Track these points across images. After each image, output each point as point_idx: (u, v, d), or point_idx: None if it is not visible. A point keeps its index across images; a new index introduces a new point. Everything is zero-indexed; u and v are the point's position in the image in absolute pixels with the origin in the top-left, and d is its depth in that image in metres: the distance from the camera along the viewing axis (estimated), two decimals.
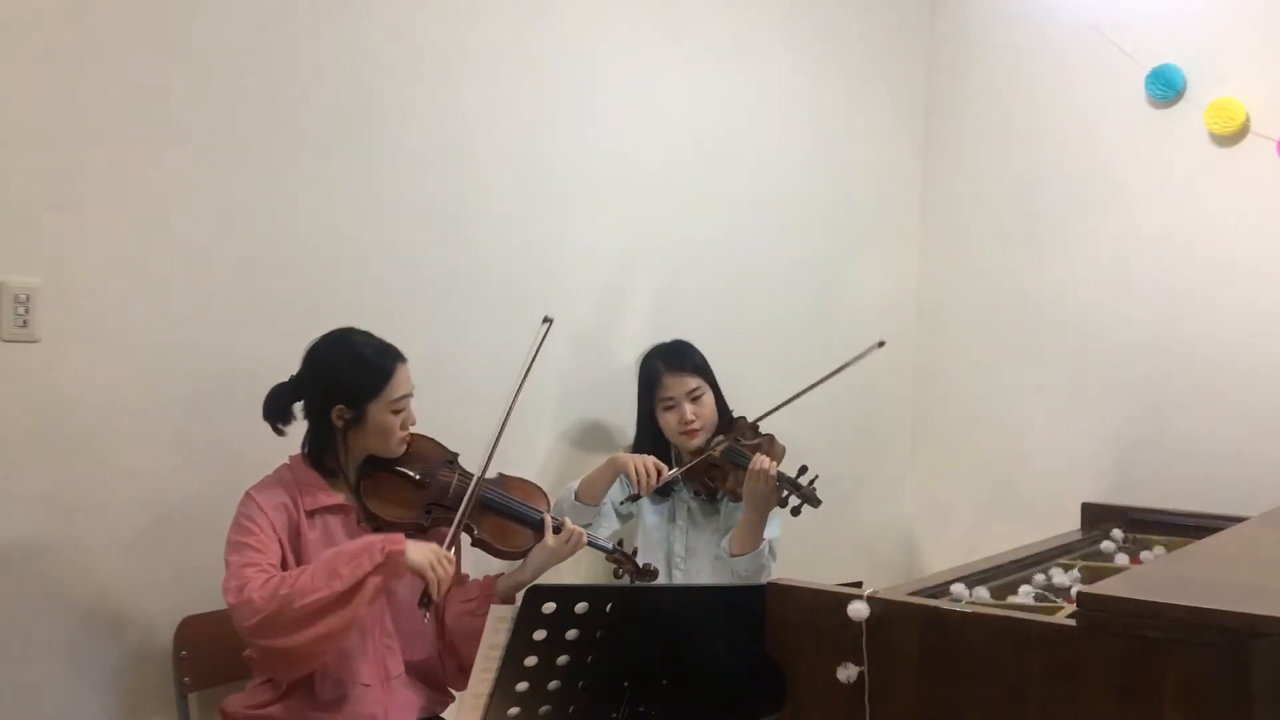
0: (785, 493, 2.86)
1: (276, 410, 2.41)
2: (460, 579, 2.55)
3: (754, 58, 3.70)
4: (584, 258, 3.27)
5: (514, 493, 2.54)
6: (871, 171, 4.08)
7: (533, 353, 2.49)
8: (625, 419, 3.18)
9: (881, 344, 3.08)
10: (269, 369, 2.43)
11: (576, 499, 2.97)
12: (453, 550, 2.33)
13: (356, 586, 2.21)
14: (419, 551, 2.27)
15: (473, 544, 2.50)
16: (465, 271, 3.02)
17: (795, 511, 2.88)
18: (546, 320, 2.53)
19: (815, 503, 2.86)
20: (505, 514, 2.50)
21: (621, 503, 3.02)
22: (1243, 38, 3.62)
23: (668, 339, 3.16)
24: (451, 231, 2.99)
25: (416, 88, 2.91)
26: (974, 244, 4.12)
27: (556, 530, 2.49)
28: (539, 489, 2.62)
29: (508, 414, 2.44)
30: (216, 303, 2.59)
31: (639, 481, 2.90)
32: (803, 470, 2.88)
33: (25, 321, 2.34)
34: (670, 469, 2.95)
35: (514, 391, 2.46)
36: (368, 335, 2.43)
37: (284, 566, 2.30)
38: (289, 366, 2.42)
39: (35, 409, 2.36)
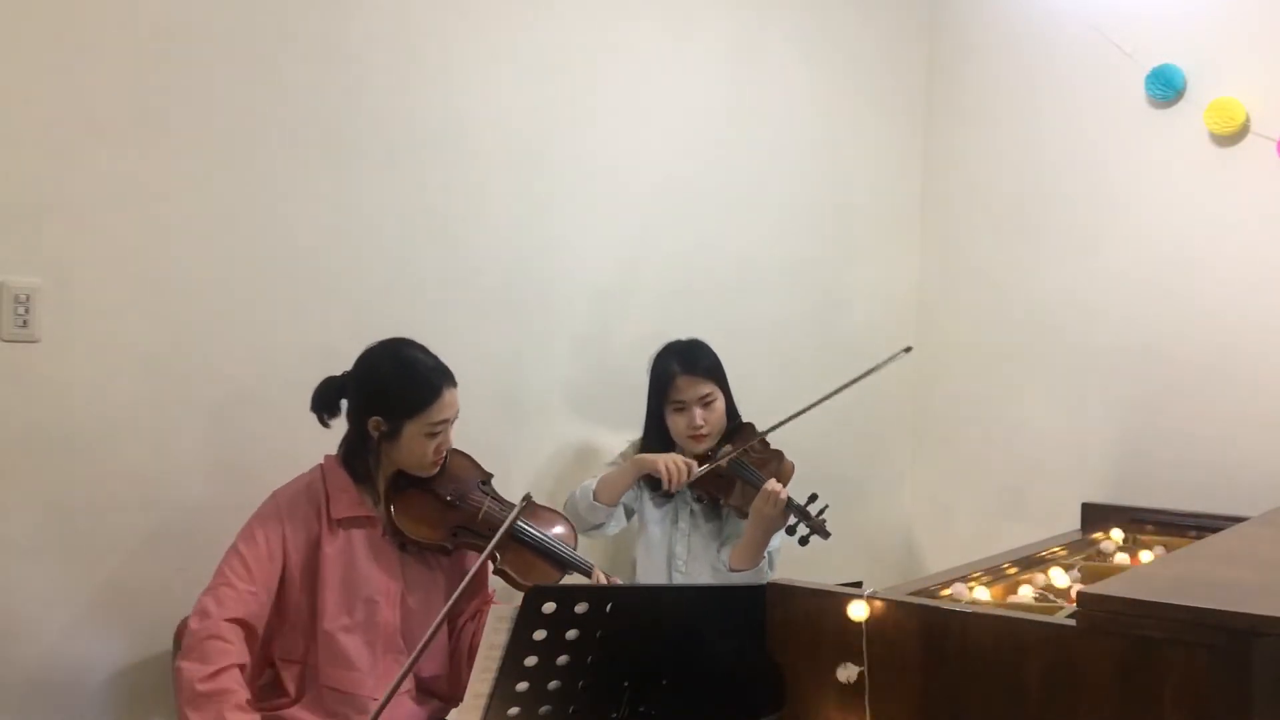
0: (794, 520, 2.81)
1: (324, 402, 2.38)
2: (486, 597, 2.54)
3: (755, 58, 3.69)
4: (584, 259, 3.26)
5: (542, 525, 2.50)
6: (872, 171, 4.07)
7: None
8: (626, 420, 3.18)
9: (909, 349, 3.02)
10: (269, 369, 2.44)
11: (595, 499, 2.92)
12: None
13: None
14: None
15: (494, 572, 2.45)
16: (465, 274, 3.01)
17: (803, 541, 2.82)
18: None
19: (824, 534, 2.80)
20: (533, 549, 2.46)
21: (652, 496, 2.99)
22: (1243, 38, 3.62)
23: (669, 340, 3.08)
24: (452, 233, 2.98)
25: (417, 89, 2.91)
26: (974, 244, 4.12)
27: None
28: (567, 522, 2.60)
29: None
30: (216, 304, 2.59)
31: (669, 479, 2.86)
32: (813, 498, 2.82)
33: (25, 321, 2.34)
34: (701, 466, 2.90)
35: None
36: (423, 351, 2.39)
37: (284, 584, 2.27)
38: (289, 367, 2.42)
39: (35, 409, 2.36)
